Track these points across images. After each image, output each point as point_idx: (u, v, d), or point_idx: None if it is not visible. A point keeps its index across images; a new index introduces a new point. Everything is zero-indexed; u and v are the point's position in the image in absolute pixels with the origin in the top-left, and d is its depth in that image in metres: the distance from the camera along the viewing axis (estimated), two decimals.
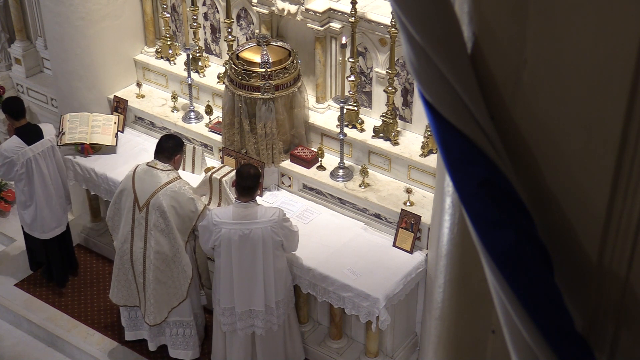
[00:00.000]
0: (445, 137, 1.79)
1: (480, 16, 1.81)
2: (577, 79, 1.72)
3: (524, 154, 1.84)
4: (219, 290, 6.83)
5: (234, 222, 6.58)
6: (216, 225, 6.61)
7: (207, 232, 6.68)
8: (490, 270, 1.77)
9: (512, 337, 1.83)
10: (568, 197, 1.82)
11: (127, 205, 6.99)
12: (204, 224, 6.72)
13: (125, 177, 7.11)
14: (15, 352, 7.93)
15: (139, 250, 6.99)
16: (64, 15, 8.06)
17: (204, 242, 6.77)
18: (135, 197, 6.94)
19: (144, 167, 7.00)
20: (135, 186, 6.95)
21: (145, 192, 6.90)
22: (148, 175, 6.93)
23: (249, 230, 6.58)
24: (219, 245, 6.65)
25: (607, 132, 1.72)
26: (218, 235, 6.61)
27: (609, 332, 1.88)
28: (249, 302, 6.79)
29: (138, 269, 7.07)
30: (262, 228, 6.59)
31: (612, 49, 1.66)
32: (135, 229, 6.97)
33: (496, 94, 1.83)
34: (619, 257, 1.80)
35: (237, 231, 6.58)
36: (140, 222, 6.94)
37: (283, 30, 7.71)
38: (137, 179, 6.96)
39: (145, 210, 6.90)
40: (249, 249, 6.63)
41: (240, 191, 6.65)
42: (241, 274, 6.69)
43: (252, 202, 6.64)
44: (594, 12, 1.65)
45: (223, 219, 6.59)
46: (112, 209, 7.18)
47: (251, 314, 6.84)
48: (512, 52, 1.78)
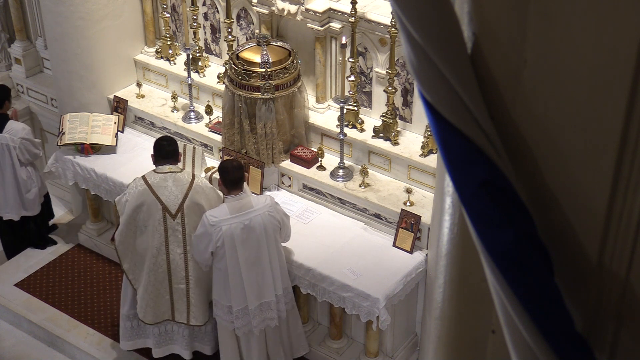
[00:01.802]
0: (445, 137, 1.79)
1: (480, 16, 1.81)
2: (577, 79, 1.72)
3: (524, 154, 1.84)
4: (227, 294, 6.69)
5: (232, 216, 6.53)
6: (214, 225, 6.52)
7: (205, 238, 6.55)
8: (490, 270, 1.77)
9: (512, 337, 1.83)
10: (568, 197, 1.82)
11: (154, 218, 6.79)
12: (199, 233, 6.57)
13: (135, 194, 6.81)
14: (15, 352, 7.92)
15: (179, 256, 6.87)
16: (64, 15, 8.06)
17: (202, 250, 6.60)
18: (164, 206, 6.77)
19: (160, 176, 6.81)
20: (161, 197, 6.77)
21: (176, 198, 6.78)
22: (170, 182, 6.80)
23: (248, 220, 6.54)
24: (222, 246, 6.54)
25: (607, 132, 1.72)
26: (219, 235, 6.52)
27: (609, 332, 1.88)
28: (260, 295, 6.73)
29: (179, 275, 6.93)
30: (261, 214, 6.57)
31: (612, 49, 1.66)
32: (169, 237, 6.83)
33: (496, 94, 1.83)
34: (619, 257, 1.80)
35: (238, 224, 6.53)
36: (176, 229, 6.82)
37: (283, 30, 7.71)
38: (159, 189, 6.77)
39: (180, 216, 6.80)
40: (253, 240, 6.59)
41: (231, 185, 6.58)
42: (249, 268, 6.63)
43: (243, 194, 6.62)
44: (594, 12, 1.65)
45: (220, 217, 6.53)
46: (124, 231, 6.90)
47: (262, 307, 6.78)
48: (512, 52, 1.78)
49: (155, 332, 7.22)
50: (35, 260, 8.55)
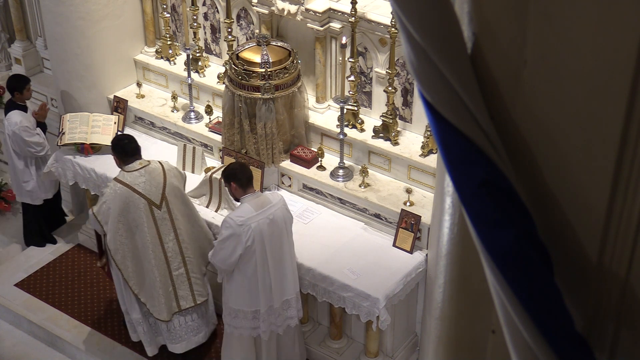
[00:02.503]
0: (445, 137, 1.79)
1: (480, 16, 1.81)
2: (577, 79, 1.72)
3: (524, 154, 1.84)
4: (252, 299, 6.62)
5: (258, 212, 6.48)
6: (243, 225, 6.42)
7: (233, 241, 6.44)
8: (490, 270, 1.77)
9: (512, 337, 1.83)
10: (568, 197, 1.82)
11: (142, 215, 6.86)
12: (226, 235, 6.43)
13: (115, 198, 6.83)
14: (15, 352, 7.93)
15: (172, 243, 6.98)
16: (64, 15, 8.06)
17: (228, 255, 6.49)
18: (149, 200, 6.87)
19: (134, 173, 6.88)
20: (143, 192, 6.85)
21: (157, 189, 6.90)
22: (147, 176, 6.90)
23: (272, 215, 6.52)
24: (252, 245, 6.45)
25: (607, 132, 1.72)
26: (249, 233, 6.42)
27: (609, 332, 1.88)
28: (283, 292, 6.71)
29: (176, 261, 7.01)
30: (280, 208, 6.59)
31: (612, 49, 1.66)
32: (160, 228, 6.93)
33: (496, 94, 1.83)
34: (619, 257, 1.80)
35: (265, 220, 6.48)
36: (164, 217, 6.94)
37: (283, 30, 7.71)
38: (139, 186, 6.85)
39: (165, 204, 6.93)
40: (277, 235, 6.57)
41: (246, 183, 6.57)
42: (276, 265, 6.60)
43: (257, 191, 6.67)
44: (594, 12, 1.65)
45: (246, 215, 6.45)
46: (116, 238, 6.90)
47: (284, 305, 6.75)
48: (512, 52, 1.79)
49: (164, 329, 7.20)
50: (35, 260, 8.56)
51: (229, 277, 6.67)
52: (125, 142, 7.05)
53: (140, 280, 7.02)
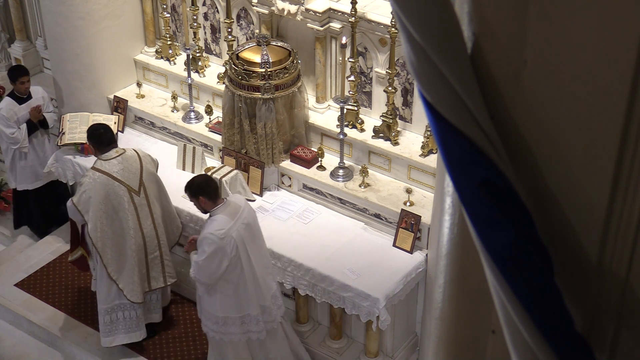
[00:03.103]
0: (445, 137, 1.79)
1: (480, 16, 1.81)
2: (577, 79, 1.72)
3: (524, 154, 1.84)
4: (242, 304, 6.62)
5: (234, 221, 6.50)
6: (224, 237, 6.42)
7: (218, 256, 6.43)
8: (490, 270, 1.77)
9: (512, 337, 1.83)
10: (568, 197, 1.82)
11: (123, 202, 7.03)
12: (210, 252, 6.40)
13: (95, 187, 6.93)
14: (15, 352, 7.92)
15: (149, 227, 7.18)
16: (64, 15, 8.06)
17: (215, 269, 6.47)
18: (129, 187, 7.05)
19: (112, 162, 7.04)
20: (122, 179, 7.03)
21: (134, 176, 7.10)
22: (124, 163, 7.08)
23: (245, 219, 6.55)
24: (236, 254, 6.47)
25: (607, 132, 1.72)
26: (232, 244, 6.44)
27: (609, 332, 1.88)
28: (268, 288, 6.73)
29: (152, 245, 7.22)
30: (248, 210, 6.63)
31: (612, 49, 1.66)
32: (139, 213, 7.12)
33: (496, 94, 1.83)
34: (619, 257, 1.80)
35: (242, 226, 6.50)
36: (142, 203, 7.13)
37: (283, 30, 7.71)
38: (118, 174, 7.03)
39: (142, 190, 7.11)
40: (253, 236, 6.60)
41: (215, 195, 6.55)
42: (259, 264, 6.62)
43: (225, 200, 6.63)
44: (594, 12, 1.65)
45: (226, 227, 6.44)
46: (97, 225, 6.99)
47: (272, 299, 6.77)
48: (512, 52, 1.78)
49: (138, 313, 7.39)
50: (35, 260, 8.55)
51: (211, 289, 6.62)
52: (101, 131, 7.20)
53: (119, 267, 7.17)
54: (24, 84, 8.42)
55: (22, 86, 8.42)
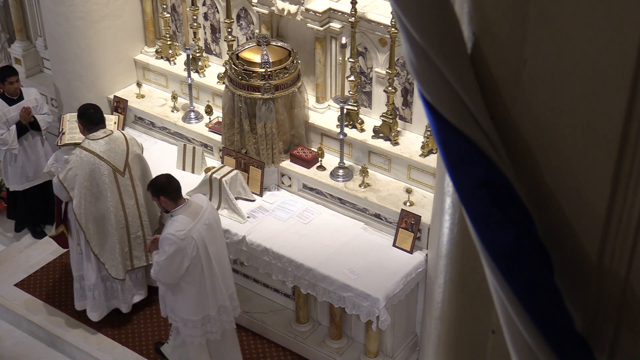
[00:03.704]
0: (445, 137, 1.78)
1: (480, 16, 1.81)
2: (577, 79, 1.72)
3: (524, 154, 1.84)
4: (202, 305, 6.64)
5: (195, 221, 6.49)
6: (185, 238, 6.42)
7: (179, 256, 6.44)
8: (490, 270, 1.77)
9: (512, 337, 1.83)
10: (568, 197, 1.82)
11: (107, 180, 7.19)
12: (171, 252, 6.41)
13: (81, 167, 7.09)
14: (15, 352, 7.92)
15: (132, 207, 7.37)
16: (64, 15, 8.06)
17: (175, 269, 6.49)
18: (113, 167, 7.22)
19: (99, 141, 7.19)
20: (108, 159, 7.19)
21: (120, 156, 7.25)
22: (111, 144, 7.23)
23: (207, 220, 6.55)
24: (197, 254, 6.47)
25: (607, 132, 1.72)
26: (193, 244, 6.44)
27: (609, 332, 1.88)
28: (228, 287, 6.79)
29: (135, 225, 7.41)
30: (210, 210, 6.63)
31: (612, 48, 1.66)
32: (123, 193, 7.30)
33: (496, 94, 1.83)
34: (619, 257, 1.80)
35: (203, 226, 6.51)
36: (126, 184, 7.31)
37: (283, 30, 7.71)
38: (105, 153, 7.18)
39: (127, 170, 7.25)
40: (214, 237, 6.63)
41: (177, 195, 6.54)
42: (219, 265, 6.66)
43: (187, 200, 6.64)
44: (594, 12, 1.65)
45: (187, 227, 6.44)
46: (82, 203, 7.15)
47: (230, 298, 6.82)
48: (512, 52, 1.78)
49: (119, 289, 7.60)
50: (35, 260, 8.55)
51: (174, 288, 6.63)
52: (91, 111, 7.34)
53: (101, 242, 7.34)
54: (13, 84, 8.39)
55: (11, 86, 8.39)
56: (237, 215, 7.29)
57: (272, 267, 7.09)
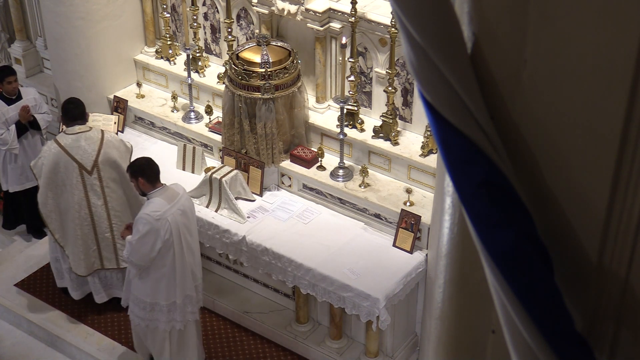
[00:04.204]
0: (445, 137, 1.79)
1: (480, 16, 1.81)
2: (577, 79, 1.72)
3: (524, 154, 1.84)
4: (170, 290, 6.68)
5: (171, 205, 6.57)
6: (160, 219, 6.48)
7: (152, 237, 6.47)
8: (490, 270, 1.77)
9: (512, 337, 1.83)
10: (568, 197, 1.82)
11: (72, 177, 7.25)
12: (144, 231, 6.44)
13: (49, 157, 7.22)
14: (15, 352, 7.92)
15: (100, 207, 7.38)
16: (64, 15, 8.06)
17: (148, 251, 6.51)
18: (80, 164, 7.26)
19: (72, 137, 7.26)
20: (75, 156, 7.24)
21: (90, 155, 7.27)
22: (81, 142, 7.26)
23: (182, 206, 6.63)
24: (170, 237, 6.52)
25: (607, 132, 1.72)
26: (167, 227, 6.50)
27: (609, 332, 1.88)
28: (195, 278, 6.84)
29: (102, 226, 7.43)
30: (186, 198, 6.71)
31: (612, 48, 1.66)
32: (89, 192, 7.32)
33: (496, 94, 1.83)
34: (619, 257, 1.80)
35: (177, 211, 6.58)
36: (94, 183, 7.32)
37: (283, 30, 7.71)
38: (72, 149, 7.23)
39: (96, 171, 7.27)
40: (188, 224, 6.69)
41: (155, 178, 6.62)
42: (190, 252, 6.71)
43: (164, 185, 6.69)
44: (594, 12, 1.65)
45: (162, 209, 6.52)
46: (44, 194, 7.32)
47: (197, 289, 6.87)
48: (512, 52, 1.78)
49: (91, 282, 7.68)
50: (35, 261, 8.55)
51: (143, 272, 6.69)
52: (70, 106, 7.44)
53: (64, 235, 7.46)
54: (11, 83, 8.40)
55: (10, 86, 8.39)
56: (237, 215, 7.29)
57: (272, 267, 7.09)
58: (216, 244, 7.36)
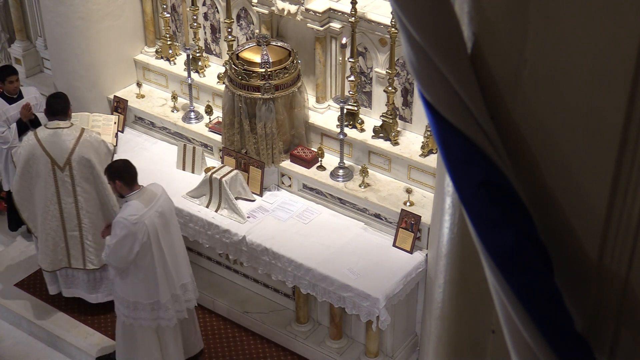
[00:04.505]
0: (445, 137, 1.79)
1: (480, 16, 1.81)
2: (577, 79, 1.72)
3: (524, 154, 1.84)
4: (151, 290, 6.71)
5: (148, 208, 6.58)
6: (137, 222, 6.51)
7: (129, 240, 6.51)
8: (490, 270, 1.77)
9: (512, 337, 1.83)
10: (568, 197, 1.82)
11: (44, 171, 7.26)
12: (122, 235, 6.48)
13: (26, 147, 7.28)
14: (15, 352, 7.92)
15: (70, 205, 7.36)
16: (64, 15, 8.06)
17: (126, 254, 6.56)
18: (52, 160, 7.25)
19: (49, 131, 7.28)
20: (48, 150, 7.23)
21: (63, 152, 7.24)
22: (57, 137, 7.26)
23: (160, 207, 6.63)
24: (147, 240, 6.55)
25: (607, 132, 1.72)
26: (144, 229, 6.52)
27: (609, 332, 1.88)
28: (180, 277, 6.84)
29: (71, 223, 7.41)
30: (165, 199, 6.70)
31: (612, 48, 1.66)
32: (60, 188, 7.31)
33: (496, 93, 1.83)
34: (619, 257, 1.80)
35: (155, 213, 6.59)
36: (65, 180, 7.29)
37: (283, 30, 7.71)
38: (47, 144, 7.23)
39: (68, 168, 7.26)
40: (167, 225, 6.68)
41: (132, 181, 6.62)
42: (170, 253, 6.72)
43: (142, 187, 6.69)
44: (594, 12, 1.65)
45: (138, 213, 6.53)
46: (19, 182, 7.38)
47: (182, 289, 6.87)
48: (512, 52, 1.79)
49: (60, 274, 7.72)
50: (35, 260, 8.54)
51: (123, 272, 6.72)
52: (53, 100, 7.51)
53: (35, 225, 7.54)
54: (13, 83, 8.40)
55: (11, 85, 8.39)
56: (237, 215, 7.29)
57: (272, 267, 7.09)
58: (216, 244, 7.36)
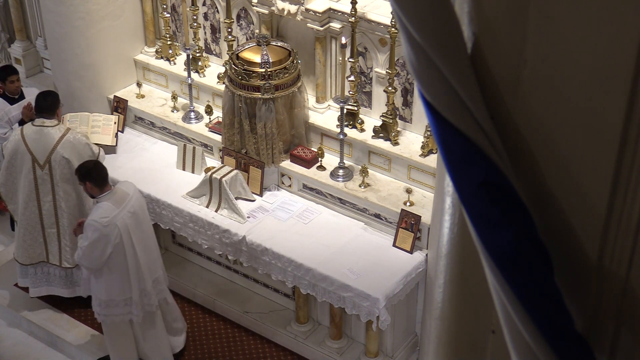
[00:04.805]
0: (445, 137, 1.79)
1: (480, 16, 1.81)
2: (577, 79, 1.72)
3: (524, 154, 1.84)
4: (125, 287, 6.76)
5: (120, 209, 6.62)
6: (108, 225, 6.55)
7: (101, 243, 6.56)
8: (490, 270, 1.77)
9: (512, 337, 1.83)
10: (568, 197, 1.82)
11: (25, 167, 7.38)
12: (94, 238, 6.55)
13: (12, 141, 7.41)
14: (15, 352, 7.92)
15: (48, 203, 7.46)
16: (64, 15, 8.06)
17: (98, 256, 6.61)
18: (34, 157, 7.36)
19: (34, 129, 7.36)
20: (30, 148, 7.34)
21: (44, 150, 7.33)
22: (40, 135, 7.35)
23: (132, 207, 6.68)
24: (120, 242, 6.59)
25: (607, 132, 1.72)
26: (116, 231, 6.57)
27: (609, 332, 1.88)
28: (152, 271, 6.90)
29: (49, 221, 7.52)
30: (137, 198, 6.76)
31: (612, 48, 1.66)
32: (39, 186, 7.42)
33: (496, 94, 1.83)
34: (619, 257, 1.80)
35: (127, 214, 6.64)
36: (44, 179, 7.39)
37: (283, 30, 7.71)
38: (30, 141, 7.34)
39: (47, 167, 7.33)
40: (140, 224, 6.73)
41: (102, 182, 6.67)
42: (143, 250, 6.76)
43: (113, 187, 6.73)
44: (594, 12, 1.65)
45: (109, 215, 6.57)
46: (4, 174, 7.53)
47: (154, 282, 6.93)
48: (512, 52, 1.78)
49: (31, 272, 7.79)
50: None
51: (96, 272, 6.77)
52: (40, 97, 7.54)
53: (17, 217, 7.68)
54: (14, 83, 8.42)
55: (12, 85, 8.41)
56: (237, 215, 7.29)
57: (272, 267, 7.09)
58: (216, 244, 7.36)
